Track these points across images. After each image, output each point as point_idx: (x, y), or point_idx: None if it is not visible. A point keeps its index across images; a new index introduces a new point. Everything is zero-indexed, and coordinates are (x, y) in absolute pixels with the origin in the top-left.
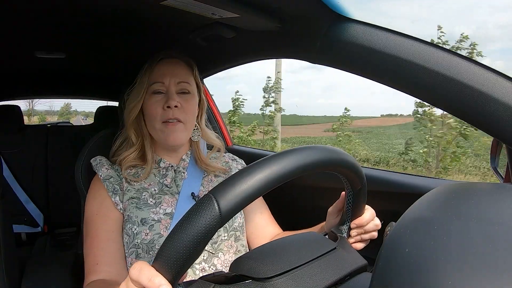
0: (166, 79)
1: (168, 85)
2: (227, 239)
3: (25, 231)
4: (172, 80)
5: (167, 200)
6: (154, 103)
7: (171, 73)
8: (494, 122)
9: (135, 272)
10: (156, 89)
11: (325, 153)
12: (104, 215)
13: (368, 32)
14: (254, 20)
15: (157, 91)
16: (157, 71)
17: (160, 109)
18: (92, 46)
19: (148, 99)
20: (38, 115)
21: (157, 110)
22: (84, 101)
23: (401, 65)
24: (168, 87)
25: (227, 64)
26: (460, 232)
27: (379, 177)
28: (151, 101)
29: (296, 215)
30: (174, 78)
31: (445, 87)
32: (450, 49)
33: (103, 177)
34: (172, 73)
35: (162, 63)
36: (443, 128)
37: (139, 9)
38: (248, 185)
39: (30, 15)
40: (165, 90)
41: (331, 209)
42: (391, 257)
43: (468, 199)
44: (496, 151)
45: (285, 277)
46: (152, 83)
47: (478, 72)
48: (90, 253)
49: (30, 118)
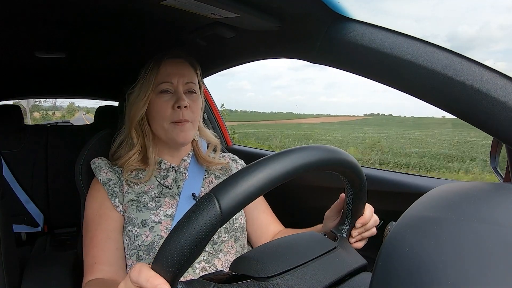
0: (174, 79)
1: (176, 85)
2: (227, 240)
3: (25, 231)
4: (180, 80)
5: (167, 203)
6: (162, 103)
7: (179, 73)
8: (494, 122)
9: (135, 274)
10: (164, 89)
11: (325, 153)
12: (103, 214)
13: (368, 32)
14: (254, 20)
15: (164, 91)
16: (164, 70)
17: (170, 109)
18: (92, 46)
19: (155, 98)
20: (44, 110)
21: (166, 110)
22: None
23: (401, 65)
24: (177, 87)
25: (227, 64)
26: (460, 232)
27: (379, 177)
28: (159, 101)
29: (296, 215)
30: (182, 78)
31: (445, 87)
32: (450, 49)
33: (102, 181)
34: (180, 73)
35: (169, 62)
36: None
37: (139, 9)
38: (249, 184)
39: (30, 15)
40: (173, 90)
41: (328, 213)
42: (391, 257)
43: (468, 199)
44: (496, 151)
45: (285, 276)
46: (160, 83)
47: (478, 72)
48: (89, 252)
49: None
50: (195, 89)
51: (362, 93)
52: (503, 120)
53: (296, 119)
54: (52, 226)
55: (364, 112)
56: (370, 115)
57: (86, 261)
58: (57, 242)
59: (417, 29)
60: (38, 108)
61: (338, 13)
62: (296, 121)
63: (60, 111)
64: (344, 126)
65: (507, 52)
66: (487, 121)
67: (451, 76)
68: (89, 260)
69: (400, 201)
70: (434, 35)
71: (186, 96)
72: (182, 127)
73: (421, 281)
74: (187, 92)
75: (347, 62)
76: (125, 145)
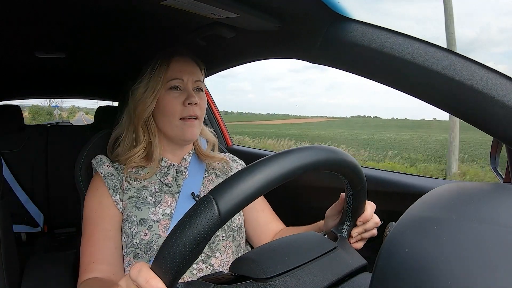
0: (185, 76)
1: (186, 82)
2: (225, 240)
3: (25, 231)
4: (190, 78)
5: (166, 200)
6: (172, 99)
7: (189, 71)
8: (494, 122)
9: (135, 273)
10: (174, 85)
11: (325, 153)
12: (102, 213)
13: (368, 32)
14: (254, 20)
15: (174, 87)
16: (174, 67)
17: (179, 106)
18: (92, 46)
19: (165, 94)
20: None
21: (176, 107)
22: (85, 99)
23: (401, 65)
24: (186, 85)
25: (227, 64)
26: (460, 232)
27: (379, 177)
28: (169, 97)
29: (296, 215)
30: (192, 76)
31: (445, 87)
32: (450, 49)
33: (104, 174)
34: (189, 71)
35: (177, 60)
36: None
37: (139, 9)
38: (248, 185)
39: (30, 15)
40: (182, 87)
41: (329, 212)
42: (391, 257)
43: (468, 199)
44: (496, 151)
45: (285, 277)
46: (171, 79)
47: (478, 72)
48: (86, 250)
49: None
50: (202, 87)
51: (362, 94)
52: (503, 120)
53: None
54: (52, 226)
55: (351, 114)
56: (357, 116)
57: (83, 260)
58: (57, 242)
59: (418, 31)
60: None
61: (338, 13)
62: (285, 122)
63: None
64: (304, 126)
65: (507, 54)
66: (487, 121)
67: (451, 76)
68: (86, 259)
69: (400, 201)
70: (435, 37)
71: (195, 93)
72: (191, 123)
73: (421, 281)
74: (195, 89)
75: (347, 62)
76: (122, 141)
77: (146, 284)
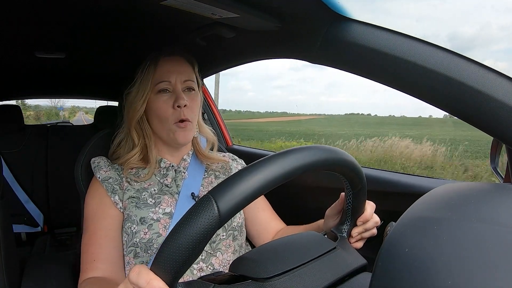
0: (172, 77)
1: (174, 83)
2: (225, 238)
3: (25, 231)
4: (178, 78)
5: (166, 200)
6: (162, 102)
7: (177, 71)
8: (494, 122)
9: (134, 275)
10: (163, 88)
11: (325, 153)
12: (103, 212)
13: (368, 32)
14: (254, 20)
15: (163, 90)
16: (161, 69)
17: (170, 109)
18: (92, 46)
19: (154, 98)
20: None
21: (167, 111)
22: (85, 99)
23: (401, 65)
24: (175, 86)
25: (227, 64)
26: (460, 232)
27: (379, 177)
28: (159, 101)
29: (296, 215)
30: (180, 76)
31: (445, 87)
32: (450, 49)
33: (101, 179)
34: (177, 71)
35: (165, 60)
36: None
37: (139, 9)
38: (247, 185)
39: (30, 15)
40: (171, 89)
41: (329, 211)
42: (391, 257)
43: (468, 199)
44: (496, 151)
45: (285, 277)
46: (158, 82)
47: (478, 72)
48: (87, 250)
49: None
50: (193, 86)
51: (362, 93)
52: (503, 120)
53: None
54: (52, 226)
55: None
56: (351, 114)
57: (84, 259)
58: (57, 242)
59: (418, 29)
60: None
61: (338, 13)
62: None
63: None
64: (291, 124)
65: (507, 52)
66: (487, 121)
67: (451, 76)
68: (87, 258)
69: (400, 201)
70: (435, 35)
71: (185, 94)
72: (184, 127)
73: (421, 281)
74: (185, 90)
75: (347, 62)
76: (124, 144)
77: (147, 286)
